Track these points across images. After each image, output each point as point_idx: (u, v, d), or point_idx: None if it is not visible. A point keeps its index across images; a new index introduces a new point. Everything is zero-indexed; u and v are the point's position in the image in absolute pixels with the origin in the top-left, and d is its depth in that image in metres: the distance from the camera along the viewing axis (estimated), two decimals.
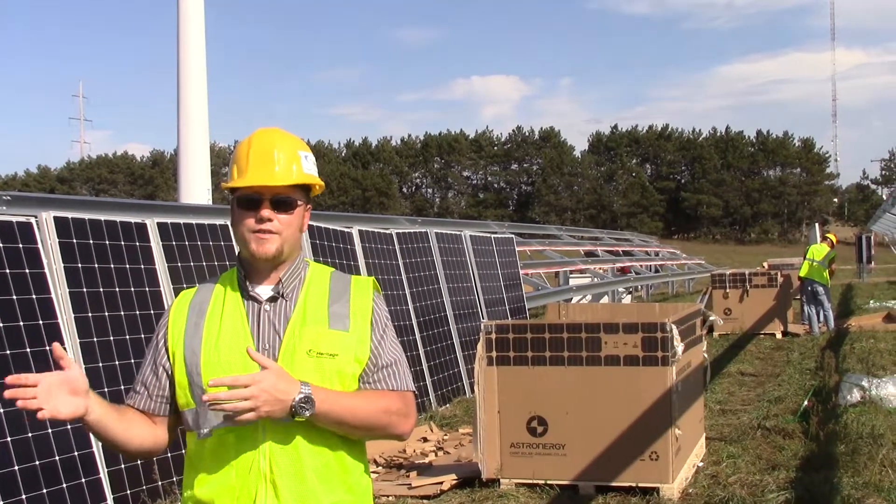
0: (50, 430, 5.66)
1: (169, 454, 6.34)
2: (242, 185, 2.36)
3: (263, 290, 2.41)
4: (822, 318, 17.76)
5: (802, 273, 17.83)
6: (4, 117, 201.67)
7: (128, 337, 6.43)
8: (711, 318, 8.21)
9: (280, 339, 2.35)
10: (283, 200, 2.37)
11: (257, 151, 2.38)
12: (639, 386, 6.45)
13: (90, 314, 6.23)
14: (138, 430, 2.39)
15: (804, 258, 18.07)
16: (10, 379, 2.11)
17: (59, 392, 2.15)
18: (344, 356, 2.36)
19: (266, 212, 2.35)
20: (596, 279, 22.56)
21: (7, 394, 2.10)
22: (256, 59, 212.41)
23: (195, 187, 15.64)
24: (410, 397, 2.47)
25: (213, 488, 2.32)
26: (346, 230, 9.77)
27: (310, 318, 2.37)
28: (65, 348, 5.89)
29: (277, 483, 2.28)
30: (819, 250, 17.79)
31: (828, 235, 18.85)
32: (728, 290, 18.34)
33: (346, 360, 2.36)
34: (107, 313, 6.36)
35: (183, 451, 2.45)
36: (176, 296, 2.55)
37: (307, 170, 2.42)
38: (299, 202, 2.41)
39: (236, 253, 2.46)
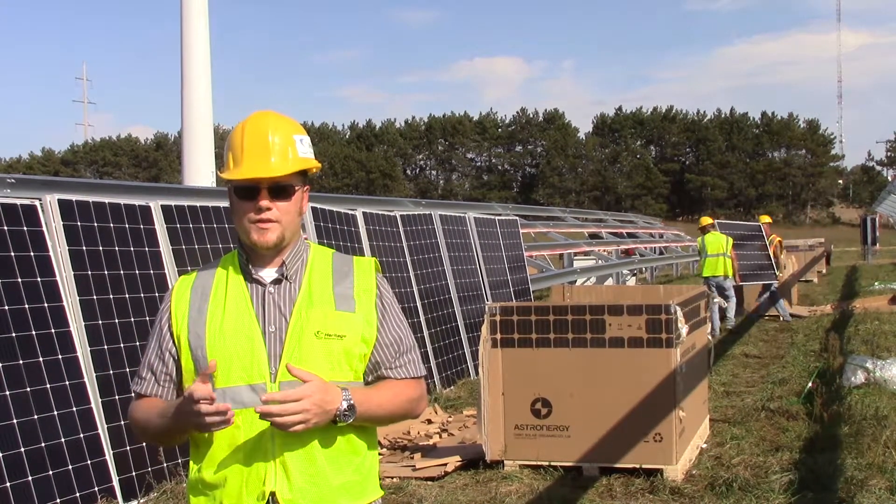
0: (56, 413, 5.69)
1: None
2: (239, 178, 2.34)
3: (267, 273, 2.40)
4: (731, 313, 15.94)
5: (710, 272, 15.57)
6: (8, 100, 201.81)
7: (132, 319, 6.44)
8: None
9: (286, 321, 2.35)
10: (281, 188, 2.35)
11: (252, 139, 2.36)
12: (643, 368, 6.45)
13: (95, 297, 6.24)
14: None
15: (703, 255, 15.83)
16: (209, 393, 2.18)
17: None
18: (351, 337, 2.37)
19: (265, 202, 2.33)
20: (600, 261, 22.54)
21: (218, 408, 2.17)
22: (259, 40, 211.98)
23: (199, 170, 15.65)
24: (423, 381, 2.54)
25: (221, 471, 2.32)
26: (350, 212, 9.77)
27: (316, 300, 2.37)
28: (70, 331, 5.90)
29: (287, 464, 2.29)
30: (718, 240, 15.68)
31: (707, 221, 16.57)
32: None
33: (353, 341, 2.37)
34: (111, 296, 6.37)
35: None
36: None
37: (303, 153, 2.40)
38: (297, 187, 2.39)
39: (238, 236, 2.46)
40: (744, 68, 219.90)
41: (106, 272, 6.39)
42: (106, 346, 6.20)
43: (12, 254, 5.77)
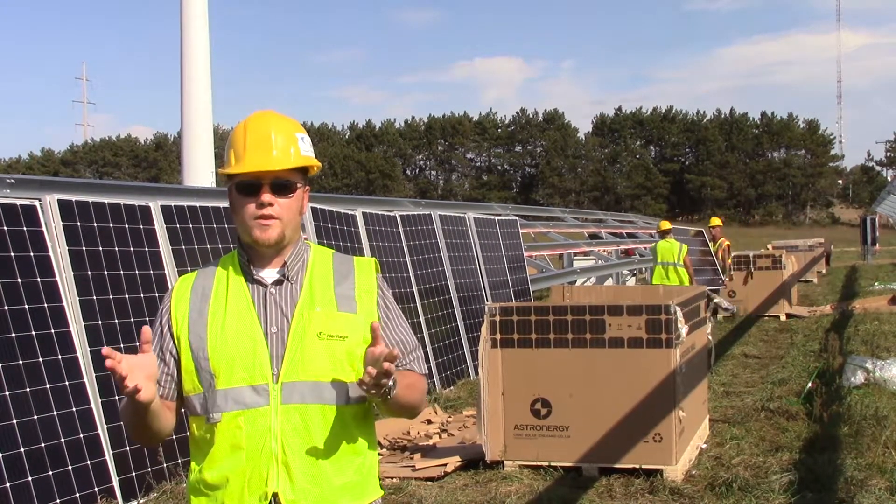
0: (55, 413, 5.68)
1: (174, 436, 6.37)
2: (242, 172, 2.34)
3: (268, 274, 2.40)
4: None
5: (658, 281, 14.24)
6: (8, 100, 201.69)
7: (132, 320, 6.44)
8: (716, 301, 8.21)
9: (288, 322, 2.35)
10: (282, 184, 2.36)
11: (254, 136, 2.36)
12: (642, 368, 6.45)
13: (94, 297, 6.24)
14: (169, 417, 2.40)
15: (654, 262, 14.73)
16: (105, 351, 2.09)
17: (140, 373, 2.15)
18: (353, 338, 2.37)
19: (266, 196, 2.33)
20: (600, 261, 22.52)
21: (107, 364, 2.09)
22: (259, 40, 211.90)
23: (199, 170, 15.62)
24: (426, 379, 2.57)
25: (223, 471, 2.32)
26: (350, 212, 9.77)
27: (317, 301, 2.38)
28: (70, 331, 5.91)
29: (289, 465, 2.29)
30: (671, 249, 14.50)
31: (666, 226, 15.34)
32: (732, 273, 18.24)
33: (355, 342, 2.37)
34: (111, 296, 6.37)
35: (187, 434, 2.45)
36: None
37: (304, 151, 2.41)
38: (298, 185, 2.40)
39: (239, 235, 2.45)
40: (744, 68, 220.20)
41: (106, 272, 6.39)
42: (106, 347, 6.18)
43: (12, 254, 5.77)
